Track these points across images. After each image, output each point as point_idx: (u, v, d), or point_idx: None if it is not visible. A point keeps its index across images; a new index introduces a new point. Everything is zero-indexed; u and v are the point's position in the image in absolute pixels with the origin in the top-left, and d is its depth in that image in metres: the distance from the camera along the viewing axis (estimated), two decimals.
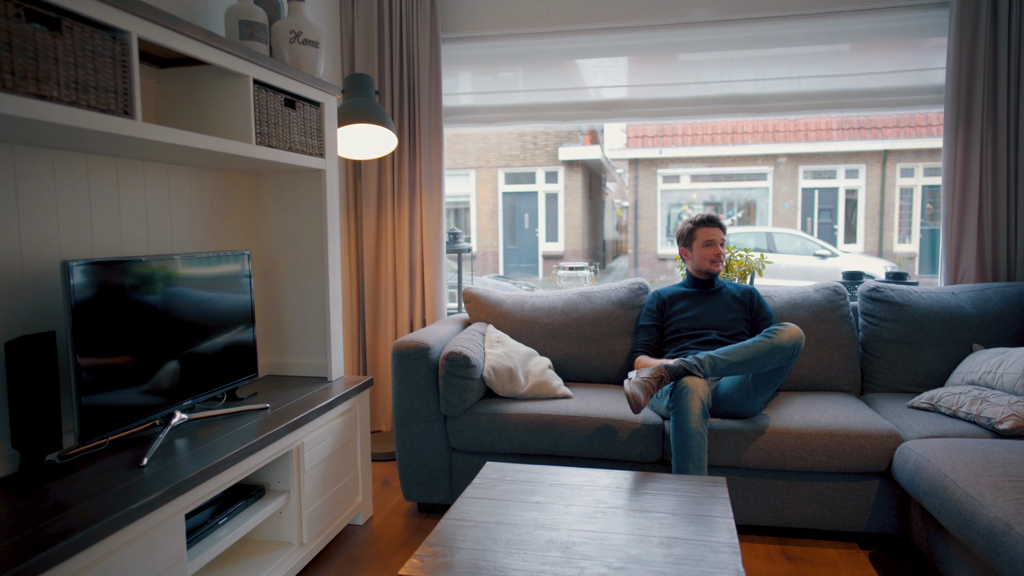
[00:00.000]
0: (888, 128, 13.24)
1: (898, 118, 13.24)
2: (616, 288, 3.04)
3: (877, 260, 11.11)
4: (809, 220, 13.94)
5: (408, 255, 3.36)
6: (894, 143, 13.10)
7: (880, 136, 13.21)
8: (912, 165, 13.33)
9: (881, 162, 13.37)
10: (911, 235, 13.61)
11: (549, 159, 14.26)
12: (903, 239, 13.63)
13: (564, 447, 2.42)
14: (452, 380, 2.46)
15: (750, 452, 2.29)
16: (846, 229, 13.73)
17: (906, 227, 13.61)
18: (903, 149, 13.15)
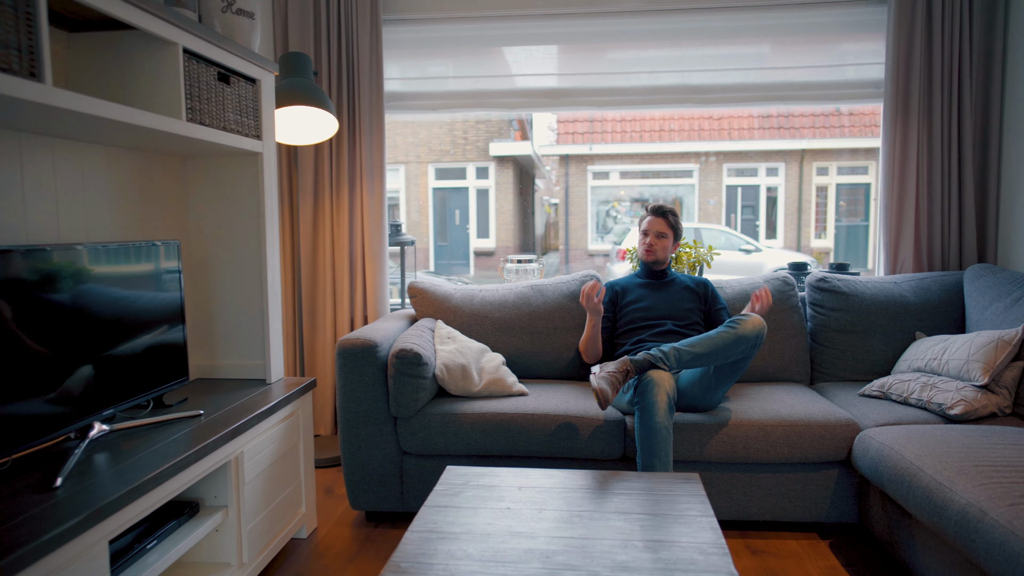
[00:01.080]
0: (805, 128, 13.81)
1: (814, 119, 13.83)
2: (568, 281, 2.96)
3: (797, 254, 11.55)
4: (733, 216, 14.38)
5: (348, 248, 3.17)
6: (811, 142, 13.67)
7: (798, 136, 13.76)
8: (827, 164, 13.96)
9: (799, 161, 13.94)
10: (826, 231, 14.27)
11: (480, 154, 14.14)
12: (819, 234, 14.26)
13: (523, 447, 2.31)
14: (403, 379, 2.31)
15: (713, 446, 2.25)
16: (767, 225, 14.25)
17: (822, 223, 14.25)
18: (819, 149, 13.74)
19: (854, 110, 13.67)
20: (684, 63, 3.19)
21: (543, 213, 20.73)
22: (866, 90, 3.14)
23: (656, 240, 2.70)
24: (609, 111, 3.11)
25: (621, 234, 14.06)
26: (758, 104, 3.23)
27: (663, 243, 2.71)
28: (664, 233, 2.71)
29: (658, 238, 2.71)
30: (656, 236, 2.71)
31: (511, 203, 14.28)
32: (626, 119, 14.07)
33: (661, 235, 2.71)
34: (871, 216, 14.02)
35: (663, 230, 2.71)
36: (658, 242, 2.70)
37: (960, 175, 2.97)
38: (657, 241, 2.70)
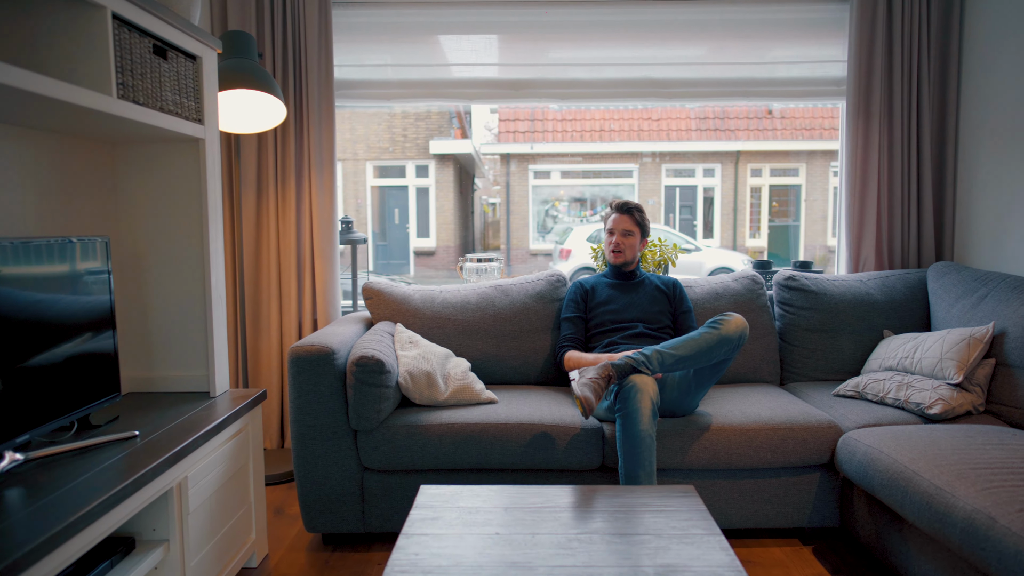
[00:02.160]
0: (739, 130, 14.15)
1: (747, 121, 14.18)
2: (533, 281, 2.81)
3: (734, 253, 11.80)
4: (672, 216, 14.60)
5: (295, 246, 2.93)
6: (745, 144, 14.02)
7: (733, 137, 14.08)
8: (760, 165, 14.34)
9: (734, 162, 14.27)
10: (760, 230, 14.67)
11: (420, 152, 13.86)
12: (753, 234, 14.65)
13: (496, 459, 2.15)
14: (364, 389, 2.11)
15: (695, 452, 2.15)
16: (704, 225, 14.53)
17: (756, 223, 14.64)
18: (753, 151, 14.11)
19: (785, 113, 14.10)
20: (645, 56, 3.10)
21: (482, 212, 20.59)
22: (827, 88, 3.12)
23: (623, 239, 2.59)
24: (570, 106, 2.98)
25: (562, 233, 14.05)
26: (719, 100, 3.17)
27: (630, 241, 2.60)
28: (630, 231, 2.61)
29: (624, 236, 2.60)
30: (623, 234, 2.60)
31: (452, 202, 14.06)
32: (567, 118, 14.07)
33: (627, 233, 2.60)
34: (801, 216, 14.51)
35: (629, 227, 2.60)
36: (625, 240, 2.59)
37: (919, 174, 2.99)
38: (624, 240, 2.59)
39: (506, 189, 14.35)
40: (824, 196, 14.32)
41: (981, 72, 2.84)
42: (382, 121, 13.37)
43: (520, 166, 14.01)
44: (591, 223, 13.71)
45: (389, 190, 13.97)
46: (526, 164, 14.10)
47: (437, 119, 13.76)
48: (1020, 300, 2.30)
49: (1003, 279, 2.45)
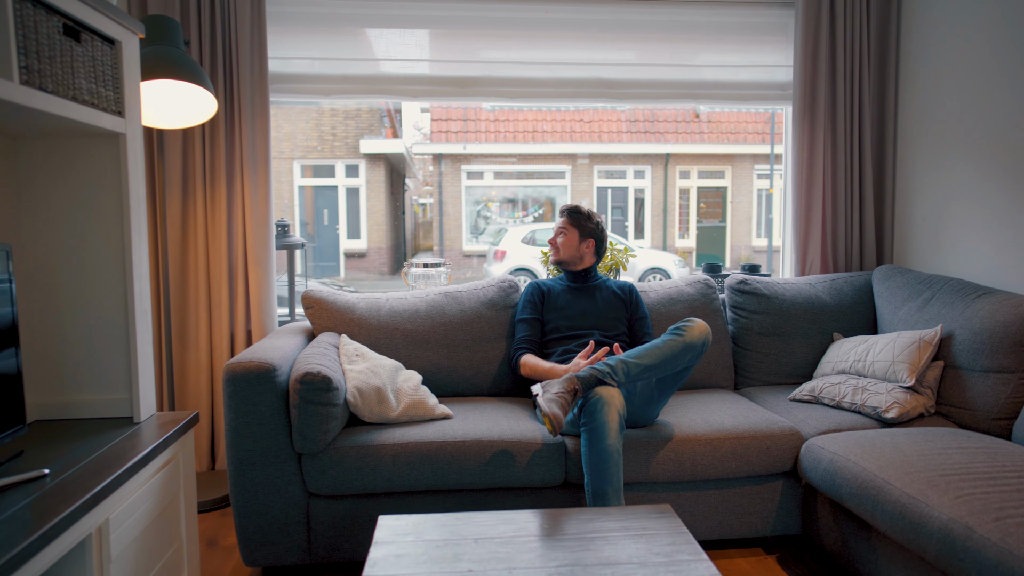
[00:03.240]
0: (668, 133, 14.45)
1: (676, 124, 14.50)
2: (485, 287, 2.69)
3: (665, 254, 12.01)
4: (604, 217, 14.75)
5: (227, 252, 2.70)
6: (674, 147, 14.32)
7: (662, 140, 14.37)
8: (689, 168, 14.69)
9: (664, 164, 14.56)
10: (689, 231, 15.03)
11: (349, 151, 13.49)
12: (683, 235, 14.99)
13: (454, 479, 2.02)
14: (310, 408, 1.94)
15: (659, 464, 2.08)
16: (635, 226, 14.76)
17: (685, 224, 14.99)
18: (682, 153, 14.43)
19: (712, 117, 14.49)
20: (598, 56, 3.03)
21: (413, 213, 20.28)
22: (773, 92, 3.14)
23: (555, 237, 2.57)
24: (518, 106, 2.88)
25: (496, 234, 13.97)
26: (668, 102, 3.14)
27: (566, 240, 2.57)
28: (565, 229, 2.57)
29: (559, 235, 2.56)
30: (557, 234, 2.58)
31: (383, 202, 13.75)
32: (500, 119, 14.01)
33: (562, 231, 2.58)
34: (728, 217, 14.95)
35: (564, 226, 2.57)
36: (560, 239, 2.56)
37: (861, 178, 3.04)
38: (557, 238, 2.57)
39: (438, 189, 14.15)
40: (749, 198, 14.80)
41: (917, 79, 2.91)
42: (310, 119, 12.93)
43: (453, 166, 13.84)
44: (525, 224, 13.70)
45: (318, 190, 13.52)
46: (459, 164, 13.94)
47: (367, 118, 13.42)
48: (965, 303, 2.35)
49: (946, 282, 2.51)
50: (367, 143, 13.15)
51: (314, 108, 12.95)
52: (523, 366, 2.38)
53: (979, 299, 2.32)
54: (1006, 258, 2.50)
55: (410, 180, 18.95)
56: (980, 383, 2.19)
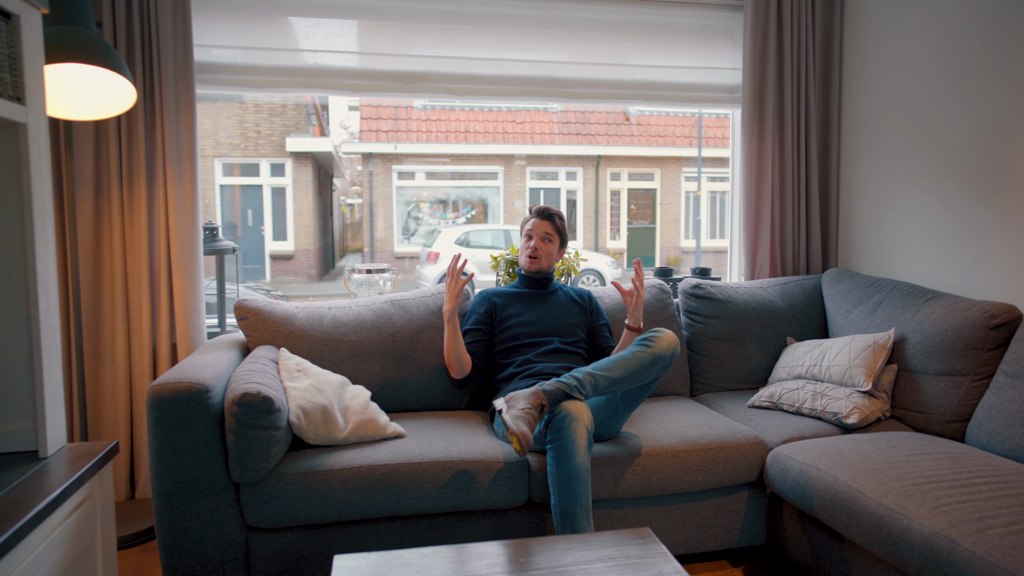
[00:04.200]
0: (599, 135, 14.60)
1: (607, 127, 14.67)
2: (435, 295, 2.54)
3: (597, 255, 12.11)
4: None
5: (147, 258, 2.45)
6: (606, 149, 14.48)
7: (594, 142, 14.50)
8: (620, 170, 14.89)
9: (595, 166, 14.70)
10: (620, 232, 15.23)
11: (275, 150, 12.96)
12: (614, 236, 15.18)
13: (410, 504, 1.87)
14: (249, 433, 1.74)
15: (627, 480, 1.99)
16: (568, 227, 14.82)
17: (616, 225, 15.18)
18: (613, 155, 14.60)
19: (641, 120, 14.73)
20: (547, 54, 2.93)
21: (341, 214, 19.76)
22: (721, 94, 3.12)
23: (542, 244, 2.41)
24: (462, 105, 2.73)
25: (428, 236, 13.74)
26: (619, 102, 3.07)
27: (549, 248, 2.43)
28: (550, 236, 2.43)
29: (544, 241, 2.41)
30: (542, 239, 2.41)
31: (311, 203, 13.29)
32: (431, 118, 13.79)
33: (547, 238, 2.42)
34: (657, 219, 15.24)
35: (550, 233, 2.43)
36: (544, 246, 2.41)
37: (807, 181, 3.06)
38: (543, 245, 2.41)
39: (369, 190, 13.80)
40: (677, 200, 15.13)
41: (860, 85, 2.95)
42: (232, 115, 12.34)
43: (384, 166, 13.53)
44: (458, 226, 13.53)
45: (241, 190, 12.93)
46: (390, 164, 13.63)
47: (294, 115, 12.94)
48: (915, 307, 2.37)
49: (895, 286, 2.53)
50: (294, 141, 12.67)
51: (237, 104, 12.37)
52: (446, 364, 2.28)
53: (928, 303, 2.35)
54: (949, 262, 2.55)
55: (338, 180, 18.45)
56: (933, 386, 2.21)
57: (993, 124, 2.37)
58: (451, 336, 2.19)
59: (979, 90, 2.41)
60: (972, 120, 2.45)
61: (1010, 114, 2.31)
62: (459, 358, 2.22)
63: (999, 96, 2.34)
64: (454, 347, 2.20)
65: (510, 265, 2.85)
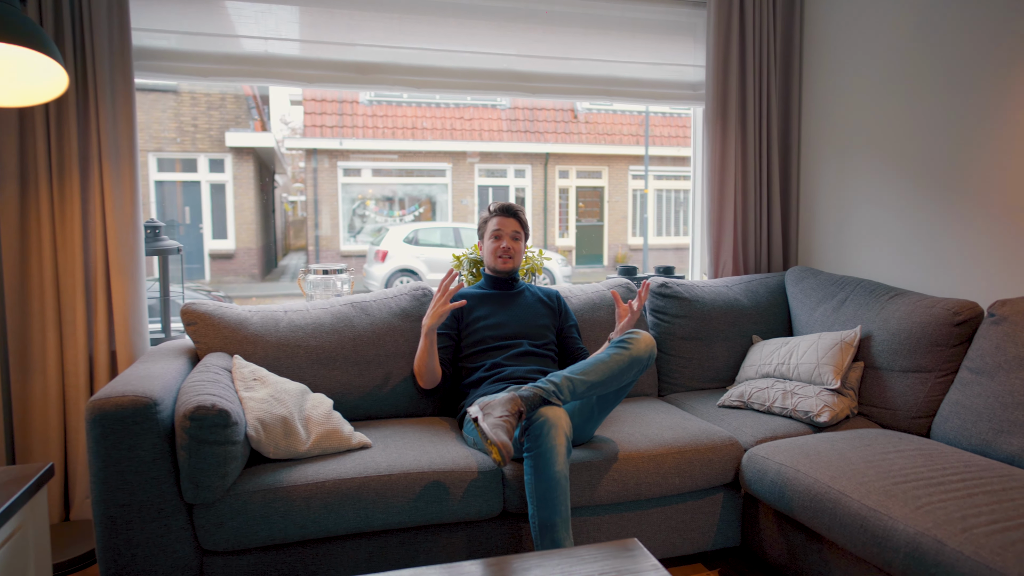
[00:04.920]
0: (548, 133, 14.60)
1: (555, 124, 14.68)
2: (397, 296, 2.43)
3: (547, 252, 12.09)
4: None
5: (82, 259, 2.25)
6: (554, 147, 14.49)
7: (542, 139, 14.49)
8: (568, 168, 14.93)
9: (543, 164, 14.70)
10: (569, 230, 15.28)
11: (213, 145, 12.47)
12: (562, 234, 15.22)
13: (380, 519, 1.76)
14: (203, 449, 1.60)
15: (604, 486, 1.93)
16: None
17: (564, 223, 15.23)
18: (561, 153, 14.63)
19: (589, 118, 14.81)
20: (510, 47, 2.85)
21: (283, 211, 19.22)
22: (684, 91, 3.10)
23: (513, 243, 2.34)
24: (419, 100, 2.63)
25: (375, 234, 13.49)
26: (581, 97, 3.02)
27: (519, 246, 2.37)
28: (518, 234, 2.36)
29: (514, 240, 2.34)
30: (512, 238, 2.34)
31: (252, 200, 12.85)
32: (377, 114, 13.52)
33: (516, 236, 2.36)
34: (605, 217, 15.36)
35: (518, 230, 2.36)
36: (515, 245, 2.34)
37: (768, 180, 3.07)
38: (514, 244, 2.34)
39: (313, 187, 13.43)
40: (625, 198, 15.28)
41: (820, 83, 2.98)
42: (167, 107, 11.82)
43: (329, 162, 13.20)
44: (406, 223, 13.33)
45: (178, 186, 12.40)
46: (335, 160, 13.30)
47: (233, 108, 12.48)
48: (880, 304, 2.40)
49: (858, 283, 2.56)
50: (234, 136, 12.22)
51: (172, 96, 11.85)
52: (415, 373, 2.23)
53: (892, 300, 2.37)
54: (910, 260, 2.59)
55: (280, 176, 17.92)
56: (899, 383, 2.23)
57: (950, 124, 2.41)
58: (426, 350, 2.12)
59: (936, 90, 2.45)
60: (930, 120, 2.49)
61: (967, 115, 2.35)
62: (432, 371, 2.16)
63: (956, 97, 2.38)
64: (428, 361, 2.14)
65: (474, 264, 2.76)
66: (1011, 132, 2.22)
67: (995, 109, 2.27)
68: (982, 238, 2.33)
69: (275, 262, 16.16)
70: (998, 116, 2.26)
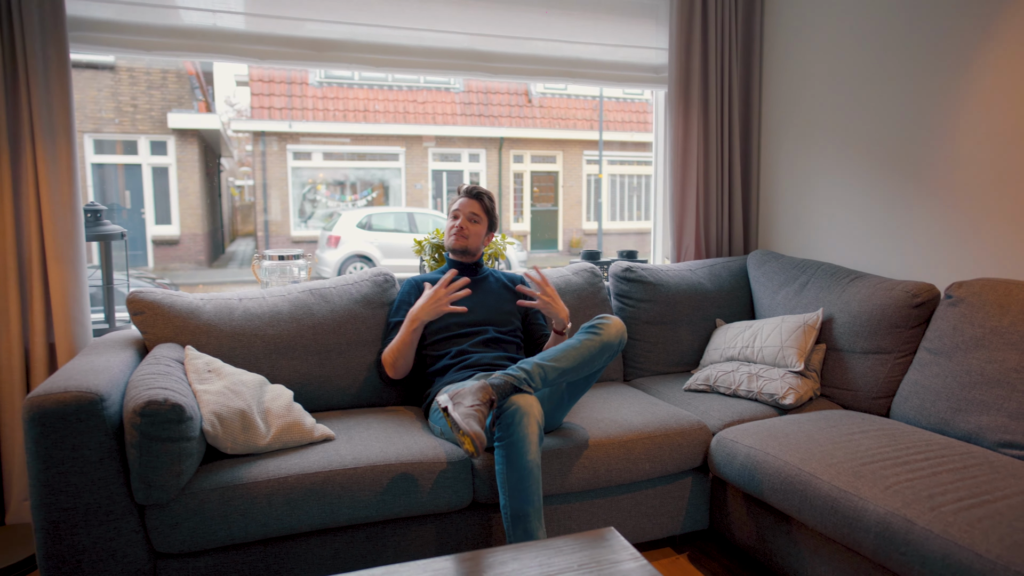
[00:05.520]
0: (502, 117, 14.49)
1: (509, 108, 14.58)
2: (358, 282, 2.35)
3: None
4: (439, 200, 14.51)
5: (14, 245, 2.10)
6: (508, 131, 14.40)
7: (496, 123, 14.37)
8: (522, 152, 14.86)
9: (498, 148, 14.60)
10: (523, 215, 15.25)
11: (155, 126, 11.97)
12: (517, 218, 15.18)
13: (345, 514, 1.69)
14: (155, 447, 1.51)
15: (576, 474, 1.90)
16: None
17: (519, 208, 15.18)
18: (516, 137, 14.55)
19: (543, 103, 14.75)
20: (472, 26, 2.77)
21: (230, 196, 18.64)
22: (647, 74, 3.07)
23: (468, 223, 2.28)
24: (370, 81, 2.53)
25: (327, 219, 13.20)
26: (545, 79, 2.96)
27: (476, 228, 2.30)
28: (477, 216, 2.30)
29: (471, 221, 2.28)
30: (468, 219, 2.28)
31: (197, 184, 12.39)
32: (328, 96, 13.18)
33: (474, 218, 2.29)
34: (560, 202, 15.37)
35: (477, 212, 2.30)
36: (470, 226, 2.28)
37: (730, 164, 3.08)
38: (469, 225, 2.28)
39: (262, 171, 13.04)
40: (579, 183, 15.32)
41: (781, 67, 3.00)
42: (104, 86, 11.26)
43: (278, 145, 12.82)
44: (359, 208, 13.09)
45: (117, 169, 11.86)
46: (284, 143, 12.93)
47: (175, 88, 11.98)
48: (840, 287, 2.43)
49: (819, 267, 2.59)
50: (177, 117, 11.74)
51: (109, 74, 11.29)
52: (384, 360, 2.15)
53: (853, 283, 2.41)
54: (869, 243, 2.63)
55: (226, 160, 17.35)
56: (860, 364, 2.27)
57: (909, 109, 2.45)
58: (407, 342, 2.08)
59: (896, 76, 2.48)
60: (889, 105, 2.52)
61: (925, 99, 2.39)
62: (407, 361, 2.12)
63: (915, 82, 2.42)
64: (407, 352, 2.10)
65: (436, 249, 2.69)
66: (968, 116, 2.27)
67: (953, 94, 2.31)
68: (939, 221, 2.38)
69: (222, 248, 15.68)
70: (956, 101, 2.30)
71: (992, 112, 2.19)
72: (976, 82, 2.23)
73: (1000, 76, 2.16)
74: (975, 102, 2.24)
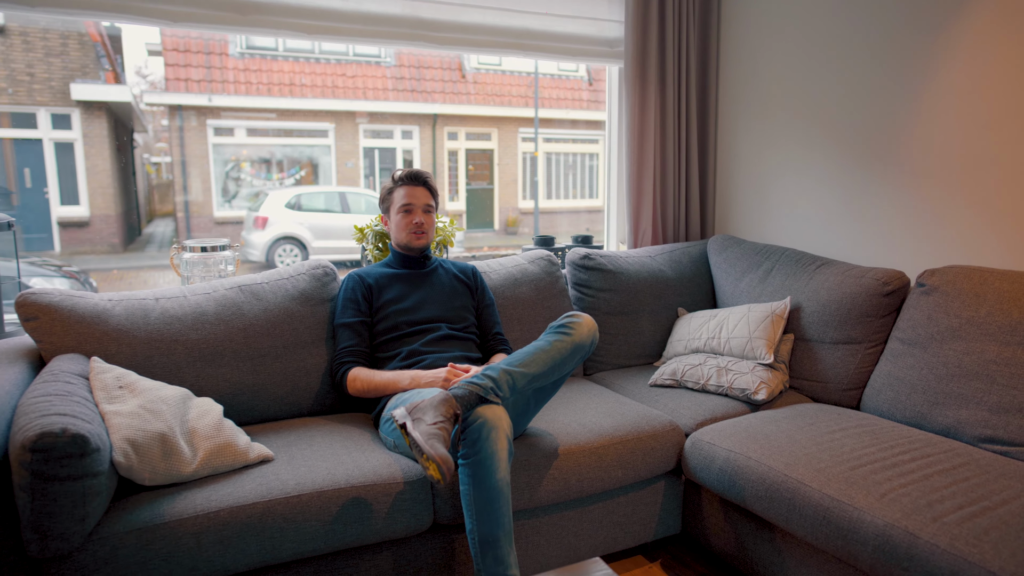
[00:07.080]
0: (435, 92, 14.08)
1: (443, 84, 14.19)
2: (293, 276, 2.10)
3: None
4: (371, 179, 14.03)
5: None
6: (442, 108, 14.02)
7: (429, 99, 13.96)
8: (457, 129, 14.52)
9: (432, 125, 14.20)
10: (458, 193, 14.94)
11: (56, 97, 11.01)
12: (452, 197, 14.87)
13: (290, 549, 1.48)
14: (53, 489, 1.25)
15: (546, 486, 1.74)
16: None
17: (454, 186, 14.87)
18: (450, 114, 14.18)
19: (477, 79, 14.42)
20: None
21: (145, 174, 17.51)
22: (601, 48, 2.90)
23: (425, 216, 2.06)
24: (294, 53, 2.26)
25: (253, 199, 12.55)
26: (492, 50, 2.74)
27: (431, 220, 2.11)
28: (431, 206, 2.09)
29: (427, 213, 2.07)
30: (425, 211, 2.07)
31: (108, 161, 11.52)
32: (251, 68, 12.46)
33: (428, 209, 2.09)
34: (495, 180, 15.15)
35: (431, 203, 2.09)
36: (428, 219, 2.08)
37: (687, 146, 2.95)
38: (427, 218, 2.07)
39: (180, 147, 12.25)
40: (514, 161, 15.12)
41: (737, 47, 2.88)
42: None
43: (198, 120, 12.05)
44: (287, 188, 12.50)
45: (15, 144, 10.86)
46: (204, 118, 12.16)
47: (78, 56, 11.04)
48: (807, 274, 2.34)
49: (784, 253, 2.50)
50: (81, 88, 10.83)
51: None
52: (352, 383, 1.88)
53: (820, 270, 2.32)
54: (834, 228, 2.56)
55: (140, 135, 16.25)
56: (830, 355, 2.19)
57: (874, 89, 2.36)
58: (391, 388, 1.85)
59: (860, 55, 2.39)
60: (853, 85, 2.43)
61: (891, 80, 2.31)
62: (380, 393, 1.87)
63: (880, 62, 2.33)
64: (388, 389, 1.85)
65: (380, 238, 2.45)
66: (936, 98, 2.20)
67: (920, 76, 2.23)
68: (906, 205, 2.32)
69: (138, 230, 14.71)
70: (923, 83, 2.22)
71: (962, 93, 2.12)
72: (943, 63, 2.15)
73: (972, 55, 2.09)
74: (942, 83, 2.17)
